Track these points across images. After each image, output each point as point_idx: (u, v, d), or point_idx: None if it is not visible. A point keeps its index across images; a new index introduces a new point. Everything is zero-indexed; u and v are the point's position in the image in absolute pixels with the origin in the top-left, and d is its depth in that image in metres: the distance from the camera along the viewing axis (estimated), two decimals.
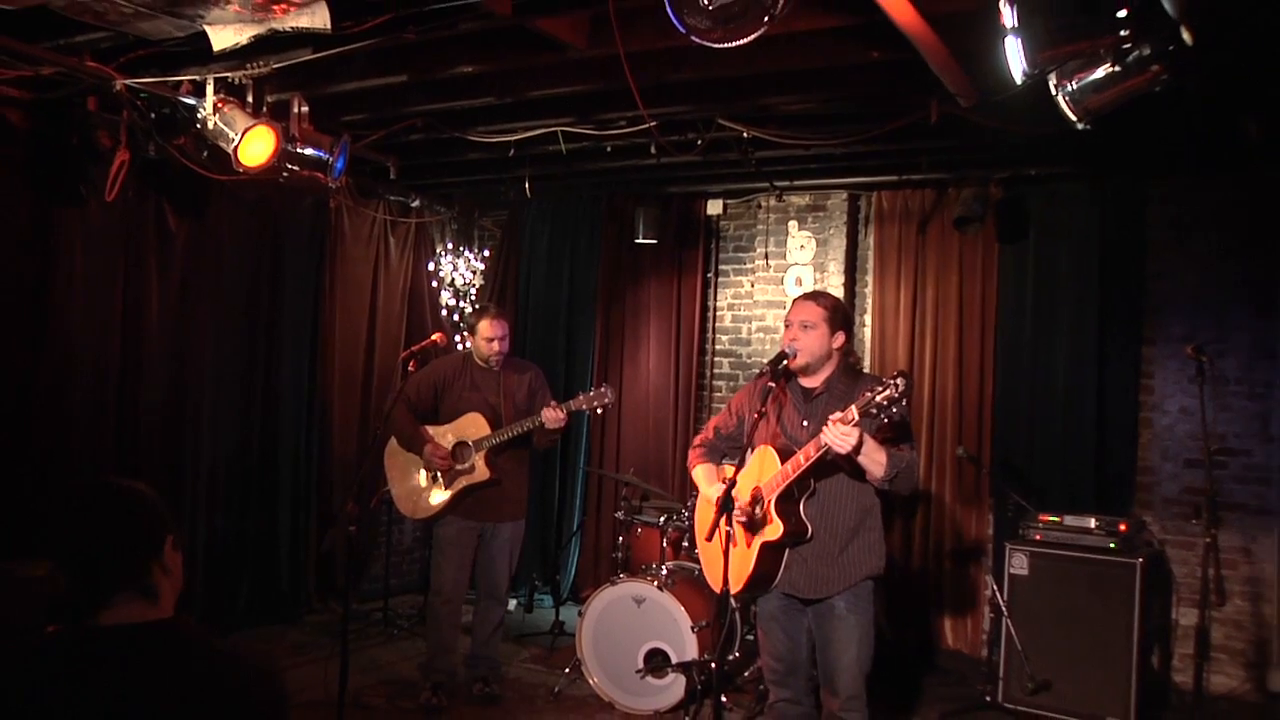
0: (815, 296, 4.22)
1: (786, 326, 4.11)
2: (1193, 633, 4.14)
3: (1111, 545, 5.75)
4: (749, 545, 4.04)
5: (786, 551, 4.01)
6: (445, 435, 5.75)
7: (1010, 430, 6.84)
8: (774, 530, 3.94)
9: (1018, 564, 5.93)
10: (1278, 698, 5.87)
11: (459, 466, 5.68)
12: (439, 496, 5.73)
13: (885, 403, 3.58)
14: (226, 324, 6.91)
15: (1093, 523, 5.87)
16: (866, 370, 6.02)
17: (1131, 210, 6.53)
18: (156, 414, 6.48)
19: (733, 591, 4.03)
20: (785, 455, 3.95)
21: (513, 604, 7.76)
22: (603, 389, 5.55)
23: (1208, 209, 6.43)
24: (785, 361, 4.04)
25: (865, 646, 4.01)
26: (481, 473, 5.63)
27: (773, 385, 4.07)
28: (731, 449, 4.38)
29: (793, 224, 7.61)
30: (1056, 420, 6.66)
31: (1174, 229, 6.51)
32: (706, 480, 4.33)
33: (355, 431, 7.77)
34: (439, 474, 5.72)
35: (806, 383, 4.13)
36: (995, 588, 6.00)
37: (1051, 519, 5.99)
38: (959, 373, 7.00)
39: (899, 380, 3.57)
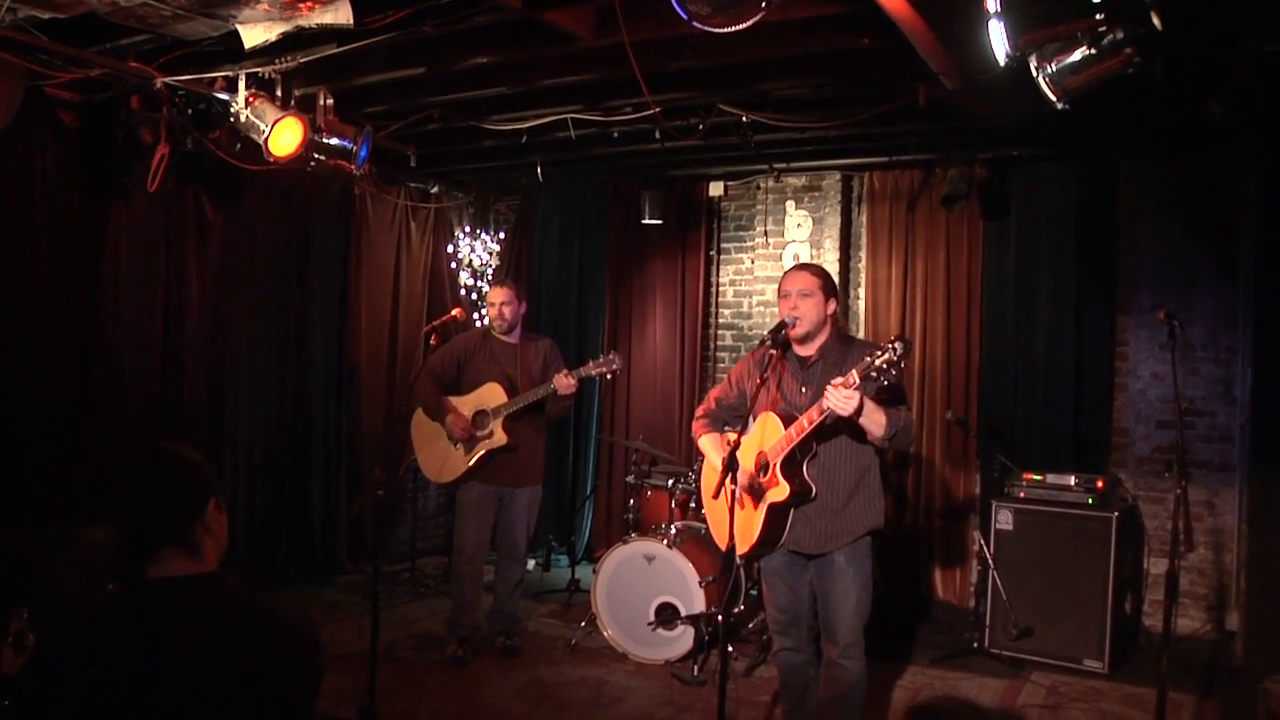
0: (806, 267, 4.20)
1: (783, 297, 4.06)
2: (1162, 580, 4.16)
3: (1089, 501, 5.78)
4: (756, 508, 4.03)
5: (792, 511, 4.00)
6: (466, 405, 5.77)
7: (995, 395, 6.85)
8: (780, 492, 3.93)
9: (1003, 519, 5.96)
10: (1233, 635, 5.94)
11: (479, 433, 5.70)
12: (461, 462, 5.75)
13: (885, 366, 3.56)
14: (261, 306, 6.93)
15: (1072, 480, 5.89)
16: (859, 337, 6.02)
17: (1106, 189, 6.52)
18: (199, 391, 6.52)
19: (743, 552, 4.04)
20: (788, 421, 3.93)
21: (531, 564, 7.81)
22: (611, 356, 5.54)
23: (1175, 189, 6.43)
24: (785, 330, 4.00)
25: (864, 598, 4.02)
26: (500, 438, 5.66)
27: (774, 352, 4.05)
28: (733, 418, 4.35)
29: (790, 204, 7.60)
30: (1038, 386, 6.68)
31: (1144, 207, 6.51)
32: (714, 449, 4.30)
33: (382, 404, 7.79)
34: (460, 441, 5.75)
35: (802, 351, 4.09)
36: (982, 542, 6.03)
37: (1034, 477, 6.01)
38: (947, 342, 7.01)
39: (897, 344, 3.54)
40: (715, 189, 7.94)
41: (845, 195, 7.45)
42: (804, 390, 4.01)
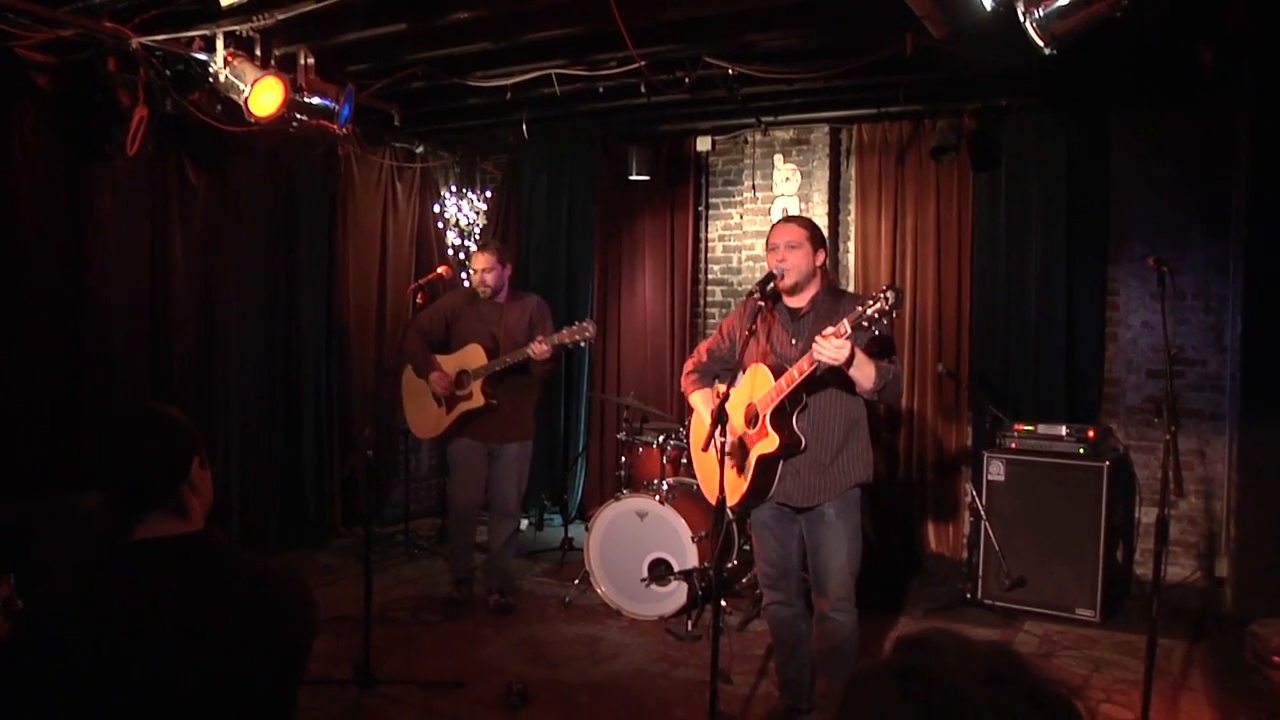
0: (794, 219, 4.17)
1: (771, 250, 4.03)
2: (1153, 529, 4.18)
3: (1080, 451, 5.80)
4: (746, 460, 4.03)
5: (781, 464, 3.99)
6: (451, 364, 5.84)
7: (987, 347, 6.87)
8: (769, 443, 3.91)
9: (995, 471, 5.98)
10: (1223, 582, 5.99)
11: (459, 393, 5.77)
12: (442, 419, 5.87)
13: (877, 315, 3.50)
14: (248, 269, 6.90)
15: (1063, 431, 5.91)
16: (850, 290, 6.01)
17: (1096, 139, 6.49)
18: (188, 354, 6.51)
19: (731, 504, 4.01)
20: (778, 372, 3.90)
21: (525, 523, 7.86)
22: (584, 323, 5.51)
23: (1166, 138, 6.40)
24: (773, 282, 3.98)
25: (854, 550, 4.02)
26: (477, 399, 5.71)
27: (763, 304, 4.02)
28: (723, 370, 4.34)
29: (778, 158, 7.54)
30: (1029, 336, 6.69)
31: (1135, 157, 6.48)
32: (705, 404, 4.26)
33: (371, 364, 7.79)
34: (442, 398, 5.82)
35: (793, 303, 4.07)
36: (974, 494, 6.04)
37: (1026, 428, 6.02)
38: (938, 294, 6.99)
39: (889, 294, 3.48)
40: (703, 144, 7.88)
41: (834, 148, 7.41)
42: (794, 342, 3.99)
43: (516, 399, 5.86)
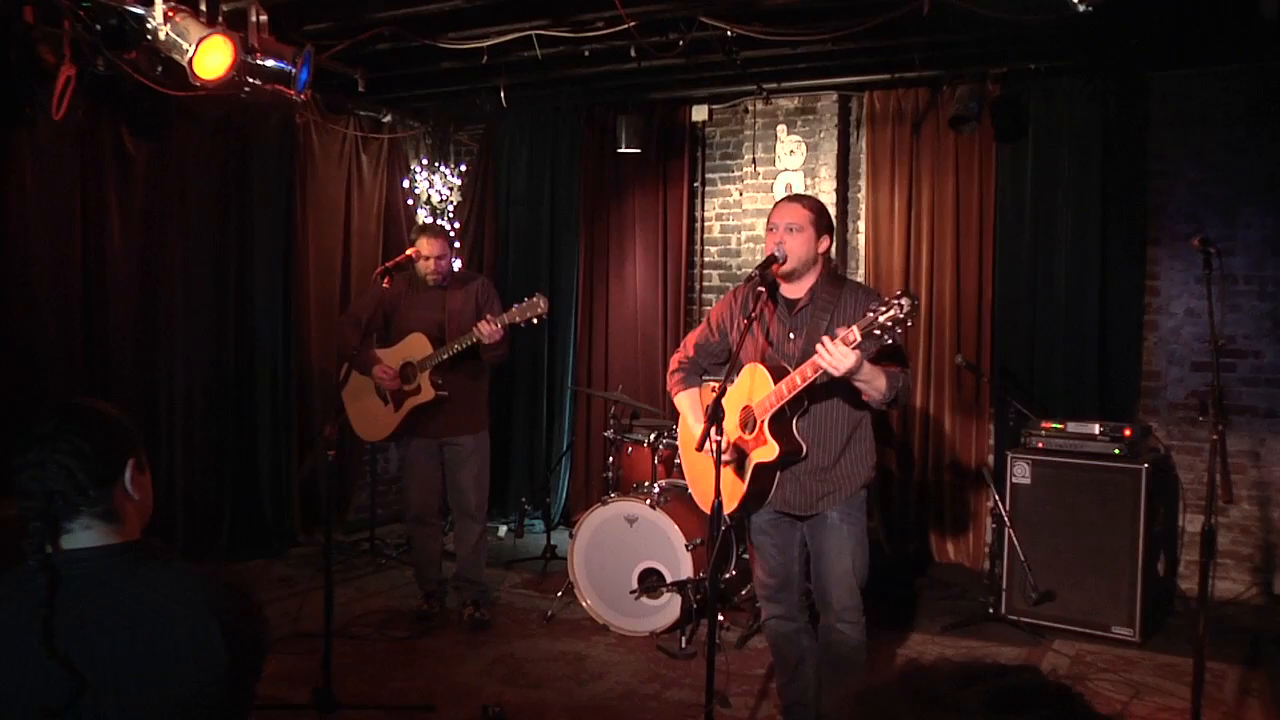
0: (799, 198, 4.12)
1: (770, 230, 3.98)
2: (1198, 539, 4.14)
3: (1116, 451, 5.75)
4: (742, 467, 4.02)
5: (779, 470, 3.98)
6: (394, 357, 5.80)
7: (1010, 336, 6.85)
8: (768, 451, 3.89)
9: (1019, 473, 5.94)
10: None
11: (406, 387, 5.75)
12: (390, 418, 5.84)
13: (890, 324, 3.45)
14: (195, 249, 6.83)
15: (1096, 429, 5.85)
16: (853, 278, 5.96)
17: (1134, 104, 6.48)
18: (126, 342, 6.44)
19: (729, 510, 4.00)
20: (777, 374, 3.86)
21: (503, 530, 7.89)
22: (535, 298, 5.43)
23: (1213, 101, 6.35)
24: (775, 265, 3.94)
25: (860, 556, 4.01)
26: (426, 392, 5.70)
27: (762, 290, 3.93)
28: (713, 365, 4.32)
29: (781, 128, 7.49)
30: (1058, 325, 6.67)
31: (1178, 123, 6.44)
32: (693, 408, 4.25)
33: (334, 355, 7.69)
34: (389, 395, 5.81)
35: (790, 292, 4.03)
36: (996, 498, 5.99)
37: (1054, 426, 5.97)
38: (956, 278, 6.97)
39: (904, 300, 3.41)
40: (699, 113, 7.87)
41: (843, 118, 7.38)
42: (792, 336, 3.97)
43: (468, 386, 5.84)
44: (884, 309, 3.46)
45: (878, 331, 3.48)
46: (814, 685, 4.20)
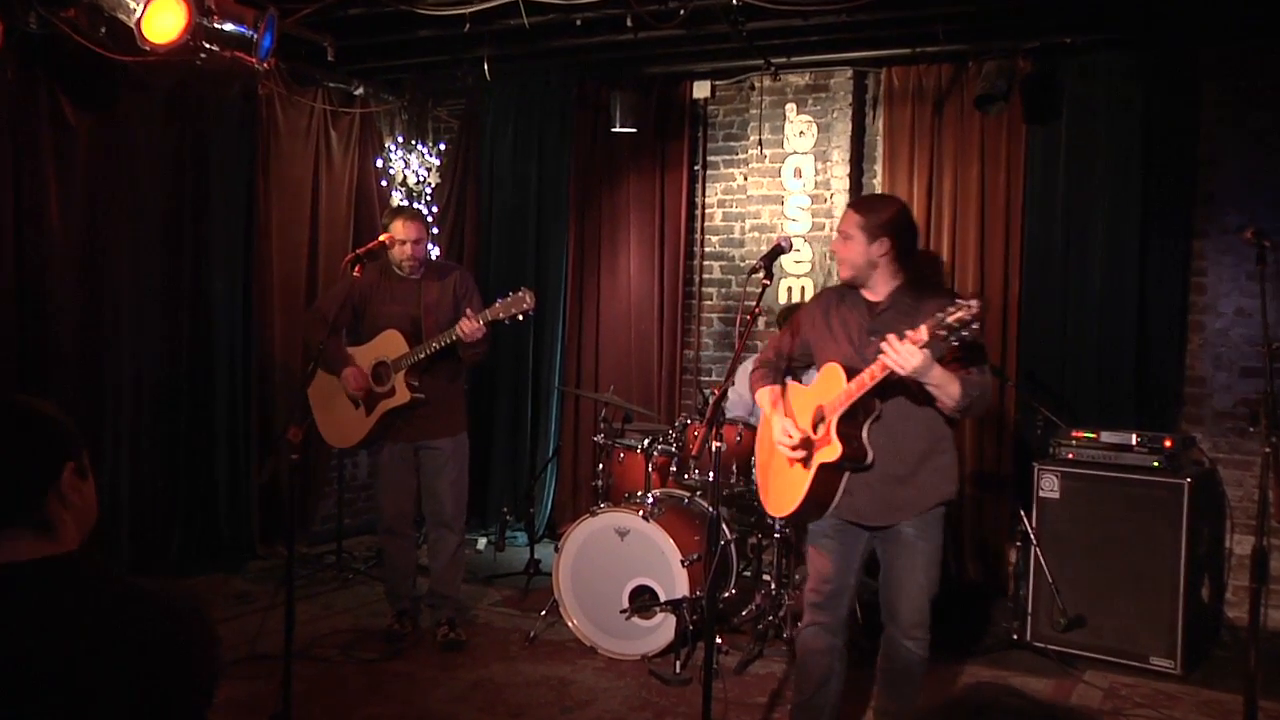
0: (856, 204, 4.30)
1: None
2: (1248, 562, 4.10)
3: (1155, 464, 5.72)
4: (806, 466, 4.15)
5: (846, 475, 4.12)
6: (365, 356, 5.79)
7: (1039, 337, 6.85)
8: (831, 452, 4.03)
9: (1048, 486, 5.93)
10: None
11: (378, 389, 5.73)
12: (361, 423, 5.81)
13: (956, 324, 3.61)
14: (146, 230, 6.77)
15: (1134, 439, 5.82)
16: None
17: (1181, 83, 6.46)
18: (66, 333, 6.37)
19: (783, 514, 4.33)
20: (851, 374, 4.04)
21: (482, 542, 7.90)
22: (520, 293, 5.43)
23: (1271, 78, 6.31)
24: (779, 255, 4.24)
25: (932, 574, 4.19)
26: (402, 395, 5.68)
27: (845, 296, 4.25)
28: (797, 369, 4.53)
29: (790, 107, 7.51)
30: (1092, 325, 6.65)
31: (1231, 104, 6.41)
32: (770, 404, 4.40)
33: (299, 349, 7.71)
34: (359, 398, 5.79)
35: (870, 296, 4.22)
36: (1022, 514, 5.98)
37: (1086, 435, 5.97)
38: (979, 273, 6.96)
39: (973, 302, 3.59)
40: (700, 90, 7.88)
41: (858, 96, 7.39)
42: (872, 340, 4.08)
43: (445, 388, 5.84)
44: (952, 309, 3.63)
45: (943, 332, 3.66)
46: (831, 711, 4.32)
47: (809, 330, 4.41)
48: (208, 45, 5.13)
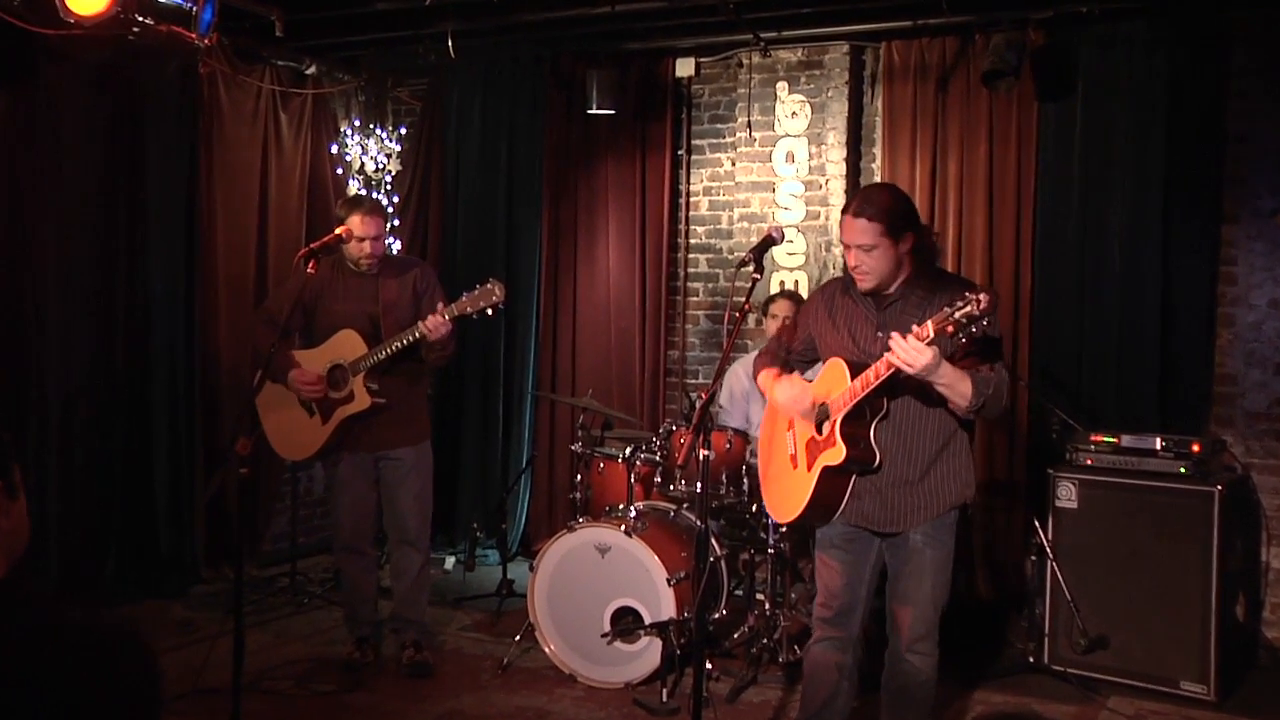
0: (862, 210, 4.14)
1: (846, 249, 4.17)
2: None
3: (1182, 470, 5.72)
4: (809, 468, 4.19)
5: (853, 479, 4.14)
6: (318, 359, 5.76)
7: (1053, 332, 6.86)
8: (835, 454, 4.05)
9: (1065, 495, 5.93)
10: None
11: (334, 395, 5.70)
12: (317, 432, 5.77)
13: (964, 320, 3.60)
14: (74, 222, 6.71)
15: (1158, 443, 5.83)
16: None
17: (1210, 53, 6.45)
18: None
19: (788, 520, 4.38)
20: (856, 371, 4.06)
21: (450, 561, 7.96)
22: (489, 284, 5.42)
23: None
24: (771, 246, 4.32)
25: (939, 582, 4.23)
26: (361, 400, 5.66)
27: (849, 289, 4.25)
28: (801, 364, 4.55)
29: (782, 86, 7.52)
30: (1111, 319, 6.66)
31: (1265, 75, 6.38)
32: (773, 377, 4.43)
33: (247, 353, 7.61)
34: (314, 405, 5.75)
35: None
36: (1037, 525, 5.98)
37: (1106, 439, 5.97)
38: (988, 261, 6.98)
39: (981, 296, 3.59)
40: (684, 68, 7.90)
41: (855, 73, 7.40)
42: (879, 335, 4.10)
43: (406, 392, 5.82)
44: (960, 304, 3.63)
45: (951, 328, 3.66)
46: None
47: (811, 324, 4.43)
48: (142, 19, 5.09)
